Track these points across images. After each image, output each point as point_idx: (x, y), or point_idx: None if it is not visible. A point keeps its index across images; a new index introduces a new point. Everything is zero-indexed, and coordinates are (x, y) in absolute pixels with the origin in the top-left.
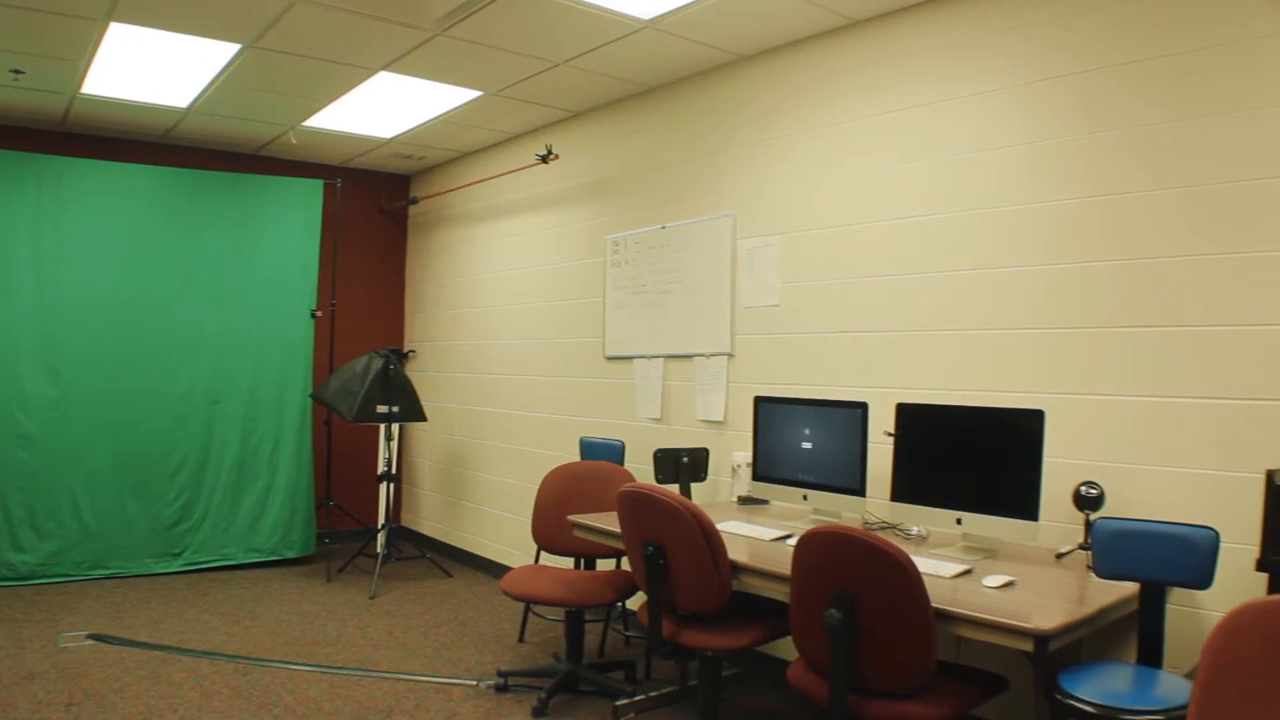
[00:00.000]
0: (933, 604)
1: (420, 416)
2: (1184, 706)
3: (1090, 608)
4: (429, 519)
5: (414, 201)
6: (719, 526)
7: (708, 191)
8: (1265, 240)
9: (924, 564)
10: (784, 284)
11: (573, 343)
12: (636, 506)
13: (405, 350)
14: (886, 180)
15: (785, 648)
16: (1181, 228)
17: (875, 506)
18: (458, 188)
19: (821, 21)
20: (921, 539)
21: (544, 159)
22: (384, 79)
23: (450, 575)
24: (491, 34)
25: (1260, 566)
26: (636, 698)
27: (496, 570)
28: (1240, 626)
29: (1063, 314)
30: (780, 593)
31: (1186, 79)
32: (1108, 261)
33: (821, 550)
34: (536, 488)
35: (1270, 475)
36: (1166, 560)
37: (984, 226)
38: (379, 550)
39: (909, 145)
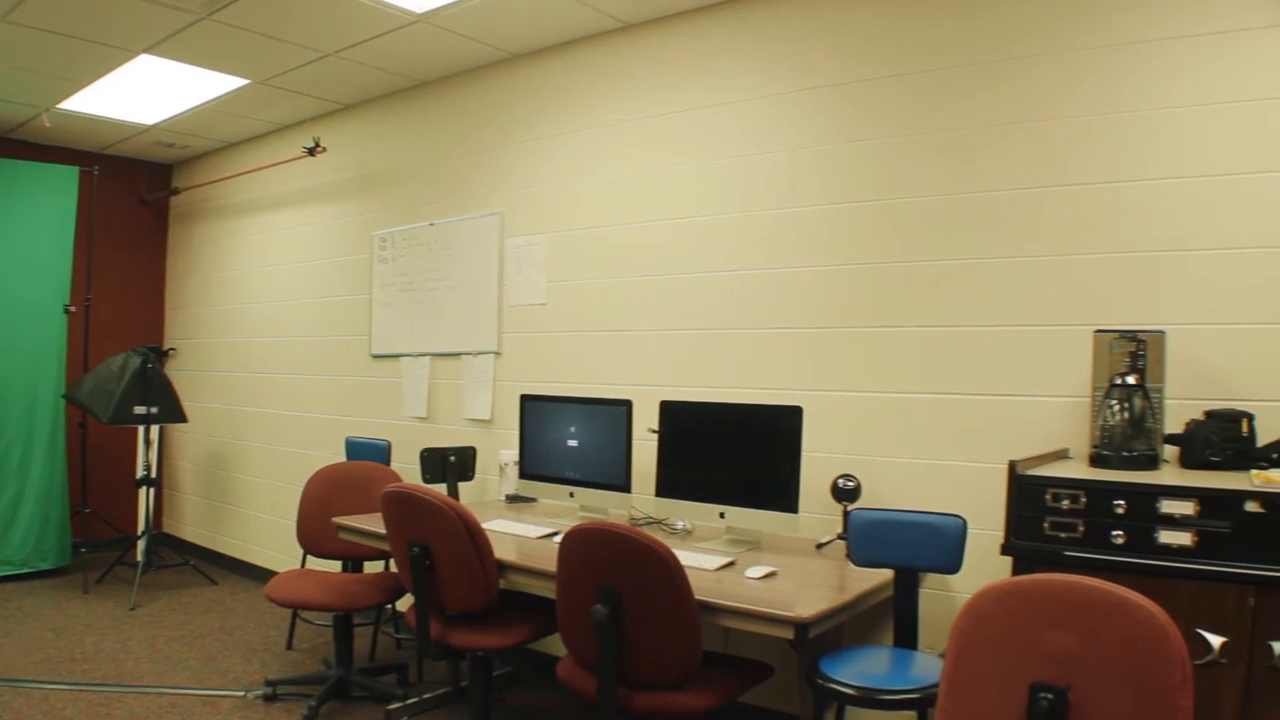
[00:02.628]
0: (697, 596)
1: (180, 417)
2: (936, 685)
3: (848, 595)
4: (192, 524)
5: (176, 192)
6: (486, 525)
7: (476, 189)
8: (1007, 246)
9: (688, 557)
10: (551, 283)
11: (339, 340)
12: (400, 507)
13: (165, 348)
14: (653, 182)
15: (556, 644)
16: (930, 233)
17: (641, 502)
18: (223, 179)
19: (594, 23)
20: (687, 533)
21: (311, 151)
22: (146, 62)
23: (215, 582)
24: (261, 20)
25: (1005, 551)
26: (409, 700)
27: (263, 576)
28: (984, 608)
29: (821, 314)
30: (548, 590)
31: (934, 96)
32: (862, 265)
33: (586, 547)
34: (301, 490)
35: (1012, 465)
36: (918, 547)
37: (747, 229)
38: (139, 559)
39: (676, 148)
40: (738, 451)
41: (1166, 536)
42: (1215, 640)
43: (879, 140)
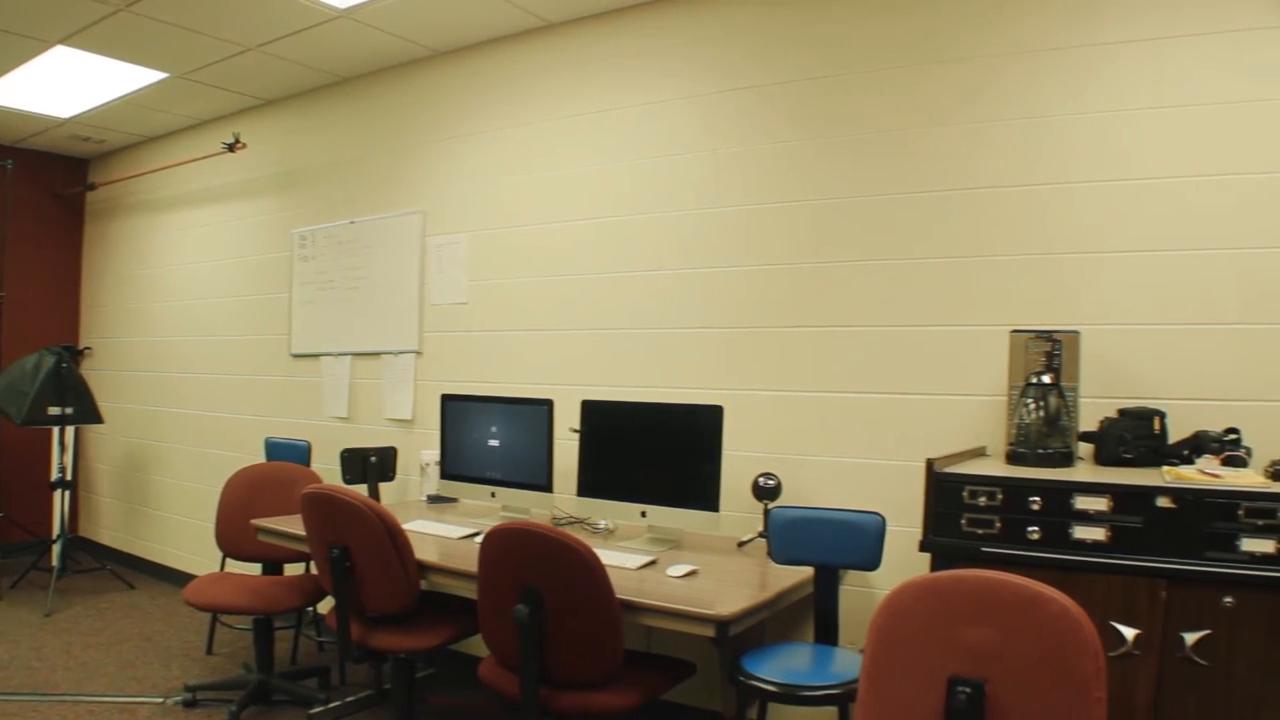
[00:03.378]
0: (618, 595)
1: (96, 418)
2: (856, 680)
3: (769, 592)
4: (109, 528)
5: (92, 187)
6: (407, 526)
7: (398, 187)
8: (925, 246)
9: (610, 556)
10: (472, 282)
11: (258, 339)
12: (320, 508)
13: (80, 347)
14: (576, 181)
15: (479, 645)
16: (849, 234)
17: (563, 501)
18: (141, 174)
19: (519, 21)
20: (609, 532)
21: (231, 148)
22: (61, 53)
23: (133, 587)
24: (180, 13)
25: (923, 547)
26: (331, 704)
27: (182, 579)
28: (902, 604)
29: (741, 314)
30: (470, 590)
31: (854, 98)
32: (782, 265)
33: (506, 547)
34: (220, 491)
35: (930, 463)
36: (838, 545)
37: (669, 229)
38: (54, 563)
39: (599, 148)
40: (659, 451)
41: (1081, 532)
42: (1129, 632)
43: (799, 141)
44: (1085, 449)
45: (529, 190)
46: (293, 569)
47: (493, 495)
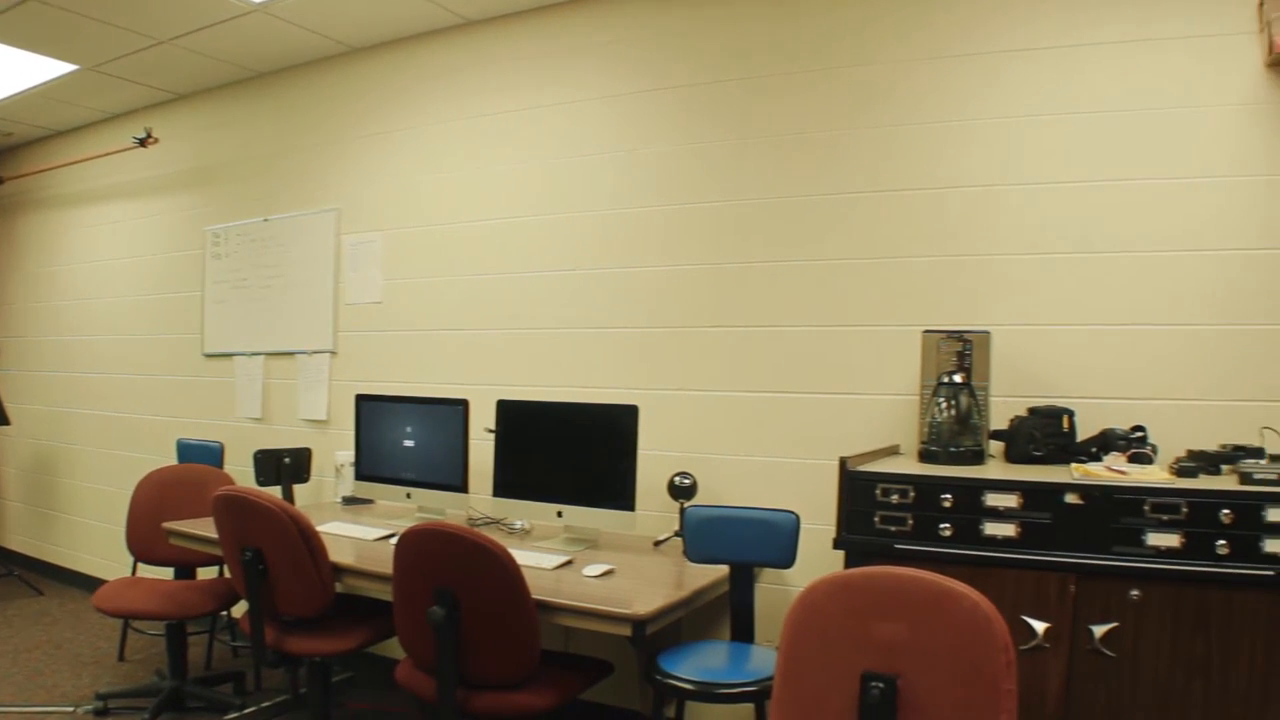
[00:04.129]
0: (534, 595)
1: (3, 420)
2: (772, 677)
3: (685, 591)
4: (16, 533)
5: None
6: (321, 528)
7: (313, 184)
8: (840, 248)
9: (526, 556)
10: (388, 281)
11: (170, 339)
12: (232, 510)
13: None
14: (493, 180)
15: (396, 648)
16: (765, 235)
17: (479, 502)
18: (49, 169)
19: (437, 18)
20: (525, 533)
21: (143, 142)
22: None
23: (41, 593)
24: (91, 3)
25: (837, 545)
26: (246, 710)
27: (92, 585)
28: (814, 601)
29: (657, 314)
30: (386, 593)
31: (771, 100)
32: (698, 265)
33: (421, 548)
34: (131, 494)
35: (843, 461)
36: (753, 543)
37: (585, 229)
38: None
39: (515, 146)
40: (575, 450)
41: (992, 528)
42: (1039, 626)
43: (716, 142)
44: (996, 447)
45: (445, 189)
46: (206, 573)
47: (408, 496)
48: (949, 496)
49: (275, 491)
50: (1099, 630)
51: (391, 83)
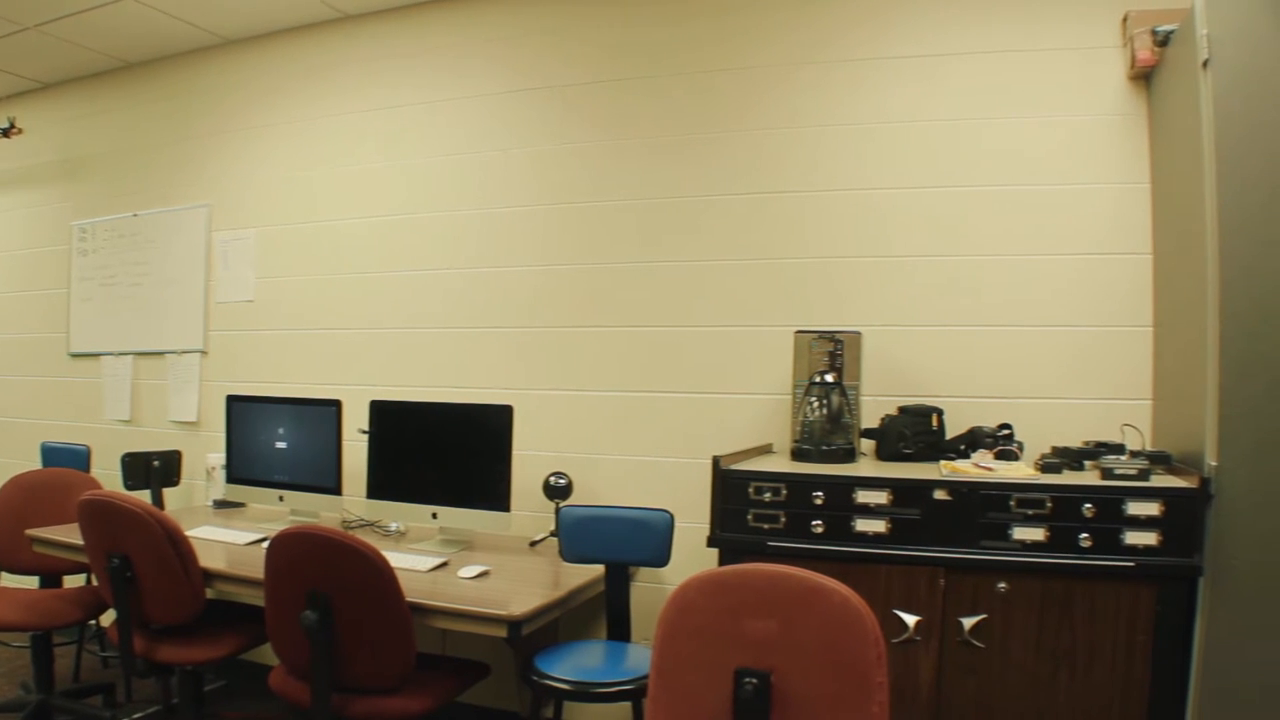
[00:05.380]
0: (409, 598)
1: None
2: (648, 675)
3: (561, 591)
4: None
5: None
6: (192, 532)
7: (185, 179)
8: (714, 249)
9: (401, 559)
10: (261, 279)
11: (33, 338)
12: (98, 516)
13: None
14: (368, 177)
15: (271, 654)
16: (640, 235)
17: (353, 504)
18: None
19: (314, 12)
20: (400, 535)
21: (5, 133)
22: None
23: None
24: None
25: (711, 543)
26: None
27: None
28: (687, 599)
29: (532, 313)
30: (258, 598)
31: (646, 101)
32: (574, 265)
33: (293, 551)
34: None
35: (716, 460)
36: (627, 542)
37: (461, 228)
38: None
39: (391, 144)
40: (449, 451)
41: (863, 525)
42: (910, 619)
43: (591, 143)
44: (867, 445)
45: (320, 186)
46: (72, 581)
47: (281, 499)
48: (821, 494)
49: (144, 496)
50: (968, 622)
51: (267, 77)
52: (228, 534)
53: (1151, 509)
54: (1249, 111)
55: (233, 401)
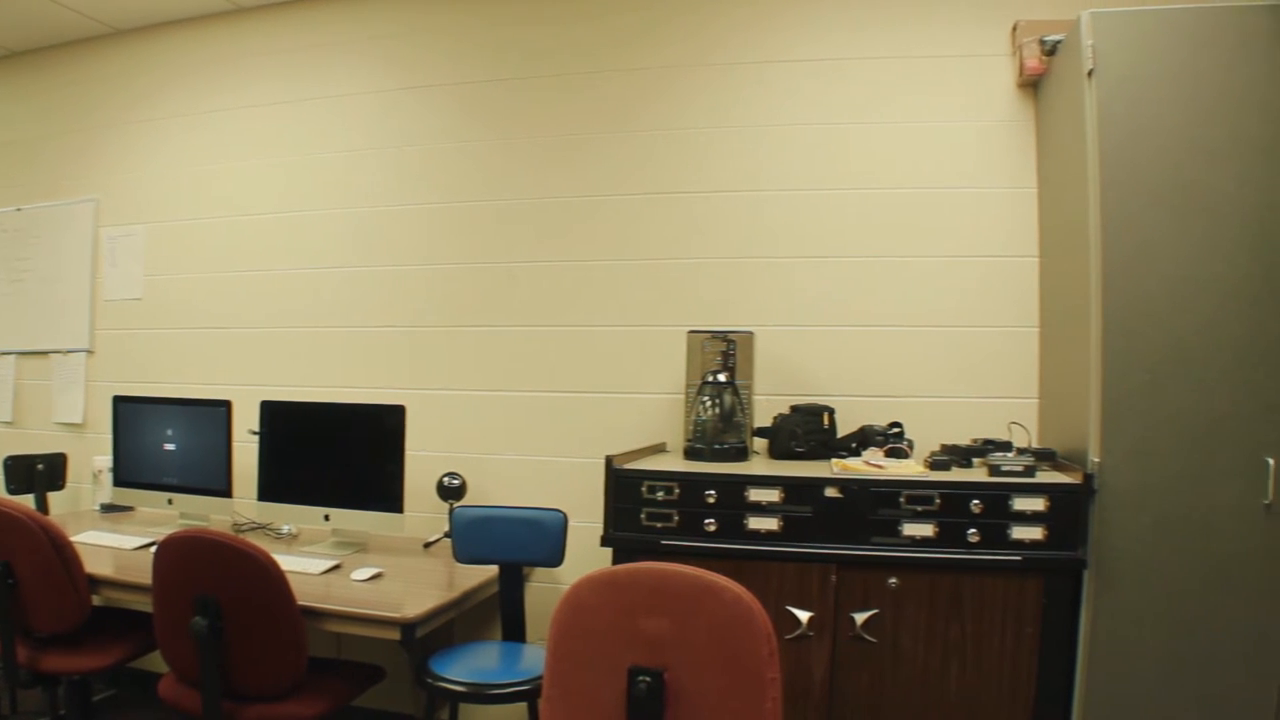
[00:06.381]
0: (301, 602)
1: None
2: (542, 675)
3: (455, 592)
4: None
5: None
6: (78, 538)
7: (71, 173)
8: (609, 249)
9: (292, 562)
10: (150, 276)
11: None
12: None
13: None
14: (260, 174)
15: (161, 662)
16: (534, 235)
17: (244, 506)
18: None
19: (207, 3)
20: (292, 537)
21: None
22: None
23: None
24: None
25: (604, 542)
26: None
27: None
28: (580, 598)
29: (425, 313)
30: (147, 604)
31: (540, 101)
32: (467, 264)
33: (181, 556)
34: None
35: (609, 460)
36: (521, 542)
37: (352, 226)
38: None
39: (284, 140)
40: (341, 452)
41: (755, 523)
42: (803, 615)
43: (484, 142)
44: (760, 444)
45: (211, 182)
46: None
47: (170, 502)
48: (713, 493)
49: (28, 500)
50: (860, 617)
51: (158, 69)
52: (115, 538)
53: (1037, 504)
54: (1131, 120)
55: (120, 402)
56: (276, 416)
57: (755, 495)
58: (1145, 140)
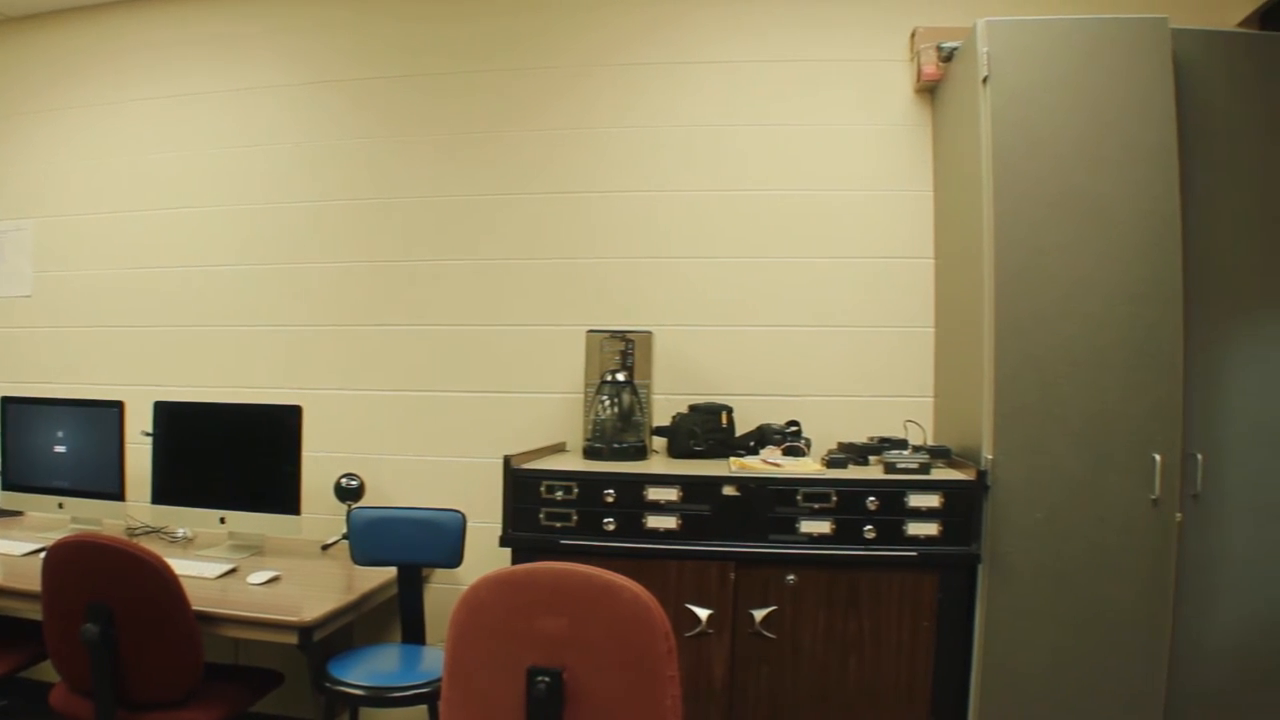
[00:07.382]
0: (196, 606)
1: None
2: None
3: (354, 594)
4: None
5: None
6: None
7: None
8: (507, 247)
9: (187, 566)
10: (39, 273)
11: None
12: None
13: None
14: (155, 168)
15: (52, 671)
16: (432, 233)
17: (137, 510)
18: None
19: None
20: (187, 541)
21: None
22: None
23: None
24: None
25: (503, 542)
26: None
27: None
28: (478, 599)
29: (321, 312)
30: (37, 611)
31: (438, 99)
32: (364, 262)
33: (71, 561)
34: None
35: (507, 460)
36: (419, 543)
37: (248, 222)
38: None
39: (178, 134)
40: (237, 453)
41: (654, 521)
42: (703, 613)
43: (383, 139)
44: (659, 443)
45: (104, 176)
46: None
47: (61, 506)
48: (612, 492)
49: None
50: (759, 614)
51: (48, 58)
52: (3, 544)
53: (932, 501)
54: (1024, 126)
55: (7, 403)
56: (170, 417)
57: (654, 494)
58: (1037, 146)
